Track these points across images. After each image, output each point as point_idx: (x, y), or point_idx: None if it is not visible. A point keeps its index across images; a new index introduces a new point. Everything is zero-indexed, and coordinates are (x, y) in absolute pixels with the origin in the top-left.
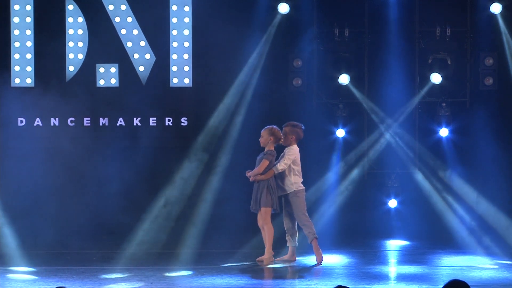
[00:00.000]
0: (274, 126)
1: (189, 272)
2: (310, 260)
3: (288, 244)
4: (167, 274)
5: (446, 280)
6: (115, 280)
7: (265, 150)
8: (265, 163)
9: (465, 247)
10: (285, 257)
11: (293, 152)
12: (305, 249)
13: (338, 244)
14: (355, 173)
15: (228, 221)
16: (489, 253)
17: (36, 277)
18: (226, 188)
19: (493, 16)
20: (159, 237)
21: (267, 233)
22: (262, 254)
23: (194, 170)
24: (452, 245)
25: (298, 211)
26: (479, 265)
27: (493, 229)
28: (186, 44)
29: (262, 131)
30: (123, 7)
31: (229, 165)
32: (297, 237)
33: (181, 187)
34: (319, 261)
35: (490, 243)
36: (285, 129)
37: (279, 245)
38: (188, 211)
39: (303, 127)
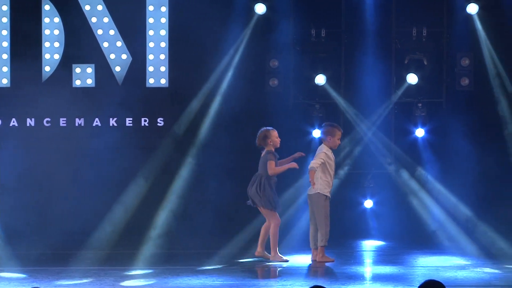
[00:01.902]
0: (271, 128)
1: (164, 273)
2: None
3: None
4: (143, 275)
5: (421, 280)
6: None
7: (268, 151)
8: (272, 163)
9: (441, 248)
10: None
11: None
12: (283, 249)
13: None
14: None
15: (203, 221)
16: (464, 253)
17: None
18: (202, 188)
19: (469, 16)
20: (133, 237)
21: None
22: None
23: (170, 169)
24: (428, 245)
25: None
26: (454, 265)
27: (468, 229)
28: (163, 44)
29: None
30: (99, 7)
31: (205, 165)
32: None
33: (157, 186)
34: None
35: (465, 243)
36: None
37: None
38: (165, 211)
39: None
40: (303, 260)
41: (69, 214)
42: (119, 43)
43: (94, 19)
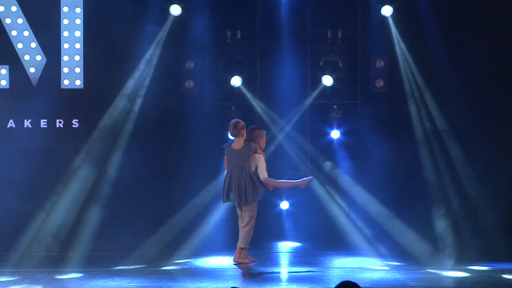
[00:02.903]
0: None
1: (80, 275)
2: (203, 262)
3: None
4: (58, 277)
5: (337, 281)
6: (5, 284)
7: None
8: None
9: (356, 249)
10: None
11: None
12: (198, 251)
13: (230, 246)
14: None
15: (119, 223)
16: (379, 254)
17: None
18: (117, 190)
19: (384, 18)
20: (50, 239)
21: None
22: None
23: (85, 172)
24: (343, 246)
25: None
26: (370, 266)
27: (383, 230)
28: (78, 45)
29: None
30: (13, 8)
31: (120, 166)
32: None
33: (73, 189)
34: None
35: (380, 244)
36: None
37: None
38: (80, 213)
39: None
40: (220, 262)
41: None
42: (33, 44)
43: (8, 20)
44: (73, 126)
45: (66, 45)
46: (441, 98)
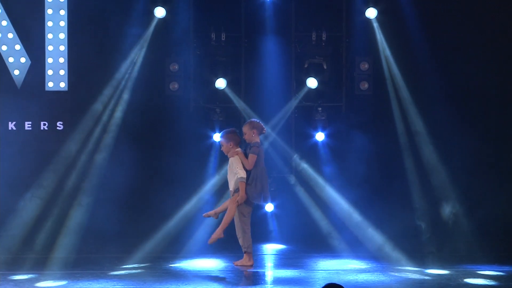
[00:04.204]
0: (254, 119)
1: (65, 278)
2: (189, 264)
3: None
4: (41, 282)
5: (322, 283)
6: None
7: (251, 143)
8: (252, 158)
9: (341, 251)
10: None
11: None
12: (185, 253)
13: (215, 248)
14: None
15: (103, 225)
16: (364, 256)
17: None
18: (101, 193)
19: (368, 21)
20: (34, 241)
21: (229, 215)
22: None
23: (69, 174)
24: (328, 249)
25: None
26: (354, 268)
27: (366, 233)
28: (62, 47)
29: (243, 127)
30: None
31: (106, 168)
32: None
33: (56, 191)
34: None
35: (363, 246)
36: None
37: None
38: (65, 215)
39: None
40: (205, 264)
41: None
42: (17, 47)
43: None
44: (58, 128)
45: (50, 47)
46: (425, 100)
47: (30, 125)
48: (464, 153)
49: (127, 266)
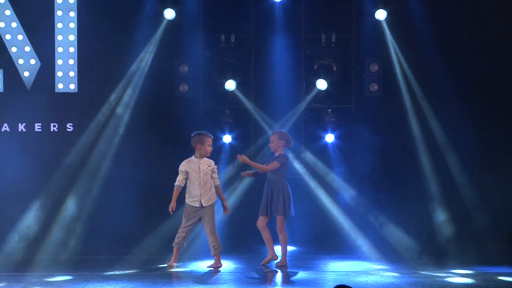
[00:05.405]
0: (283, 131)
1: (74, 280)
2: (197, 266)
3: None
4: (50, 280)
5: (332, 285)
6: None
7: (276, 154)
8: (275, 164)
9: (351, 253)
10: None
11: None
12: (192, 255)
13: (224, 249)
14: (242, 179)
15: (112, 227)
16: (374, 258)
17: None
18: (110, 195)
19: (378, 22)
20: (41, 243)
21: (283, 240)
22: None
23: (78, 175)
24: (337, 250)
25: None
26: (364, 269)
27: (378, 234)
28: (72, 49)
29: (271, 136)
30: (7, 12)
31: (114, 171)
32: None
33: (66, 193)
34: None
35: (374, 248)
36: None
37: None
38: (72, 218)
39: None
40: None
41: None
42: (27, 48)
43: (2, 24)
44: (68, 130)
45: (60, 49)
46: (435, 102)
47: (40, 127)
48: (475, 152)
49: (134, 269)
